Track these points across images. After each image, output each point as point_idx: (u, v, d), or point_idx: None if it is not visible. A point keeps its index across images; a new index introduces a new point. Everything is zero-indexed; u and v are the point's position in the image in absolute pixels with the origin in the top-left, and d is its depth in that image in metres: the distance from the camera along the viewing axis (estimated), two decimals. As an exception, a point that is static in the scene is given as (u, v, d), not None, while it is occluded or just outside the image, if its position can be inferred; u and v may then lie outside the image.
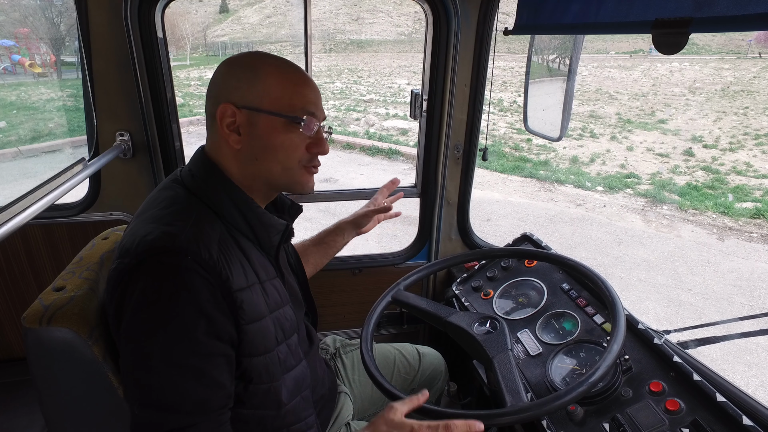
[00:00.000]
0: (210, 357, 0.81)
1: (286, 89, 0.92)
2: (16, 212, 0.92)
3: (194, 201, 0.90)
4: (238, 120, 0.90)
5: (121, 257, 0.82)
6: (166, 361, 0.78)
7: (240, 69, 0.92)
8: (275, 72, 0.92)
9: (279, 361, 0.93)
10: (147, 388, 0.79)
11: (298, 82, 0.94)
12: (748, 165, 8.47)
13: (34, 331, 0.83)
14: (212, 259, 0.81)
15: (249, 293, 0.87)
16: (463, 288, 1.59)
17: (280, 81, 0.92)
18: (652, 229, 5.93)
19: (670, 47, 0.88)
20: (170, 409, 0.79)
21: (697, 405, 0.97)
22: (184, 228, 0.83)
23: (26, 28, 11.66)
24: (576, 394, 0.88)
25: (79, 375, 0.86)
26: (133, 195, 1.67)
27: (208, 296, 0.80)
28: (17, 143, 7.65)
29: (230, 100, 0.90)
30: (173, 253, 0.79)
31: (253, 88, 0.90)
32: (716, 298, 4.21)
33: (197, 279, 0.79)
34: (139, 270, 0.79)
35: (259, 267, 0.93)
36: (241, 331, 0.85)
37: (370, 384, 1.22)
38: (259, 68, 0.91)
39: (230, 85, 0.91)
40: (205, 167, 0.93)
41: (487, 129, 1.74)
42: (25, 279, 1.74)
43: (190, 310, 0.78)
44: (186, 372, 0.79)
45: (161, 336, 0.78)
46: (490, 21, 1.56)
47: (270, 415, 0.94)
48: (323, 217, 5.58)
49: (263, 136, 0.91)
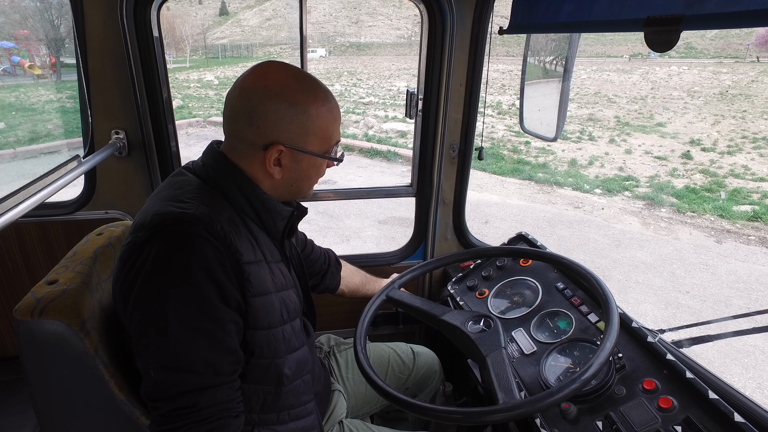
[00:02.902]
0: (220, 322, 0.84)
1: (329, 127, 0.97)
2: (8, 208, 0.92)
3: (205, 186, 0.94)
4: (283, 155, 0.94)
5: (135, 232, 0.85)
6: (179, 324, 0.80)
7: (291, 109, 0.91)
8: (325, 114, 0.95)
9: (283, 339, 0.96)
10: (161, 349, 0.81)
11: (336, 119, 0.99)
12: (746, 168, 8.49)
13: (26, 323, 0.83)
14: (223, 231, 0.85)
15: (256, 267, 0.91)
16: (459, 287, 1.59)
17: (327, 122, 0.96)
18: (650, 231, 5.93)
19: (662, 45, 0.88)
20: (184, 369, 0.81)
21: (690, 402, 0.97)
22: (196, 205, 0.87)
23: (26, 30, 11.67)
24: (568, 391, 0.88)
25: (70, 367, 0.86)
26: (128, 193, 1.67)
27: (218, 264, 0.83)
28: (16, 144, 7.65)
29: (279, 140, 0.92)
30: (186, 223, 0.83)
31: (302, 130, 0.93)
32: (714, 300, 4.21)
33: (208, 247, 0.82)
34: (154, 241, 0.82)
35: (266, 248, 0.97)
36: (246, 302, 0.88)
37: (363, 382, 1.22)
38: (310, 110, 0.93)
39: (281, 125, 0.91)
40: (219, 161, 0.95)
41: (483, 129, 1.74)
42: (20, 277, 1.73)
43: (202, 276, 0.81)
44: (198, 334, 0.82)
45: (174, 299, 0.80)
46: (485, 21, 1.57)
47: (270, 392, 0.97)
48: (321, 219, 5.59)
49: (304, 170, 0.98)
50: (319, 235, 5.04)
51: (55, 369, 0.86)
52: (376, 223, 5.70)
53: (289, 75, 0.94)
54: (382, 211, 5.92)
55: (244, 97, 0.91)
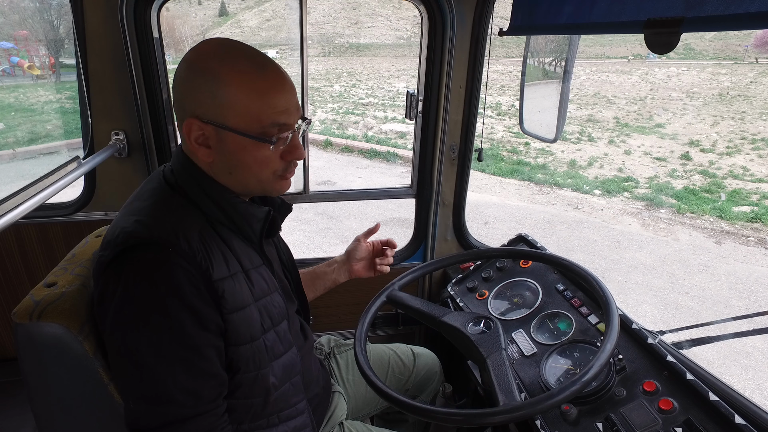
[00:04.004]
0: (197, 348, 0.81)
1: (252, 102, 0.83)
2: (7, 209, 0.91)
3: (174, 194, 0.89)
4: (207, 133, 0.85)
5: (103, 249, 0.83)
6: (154, 354, 0.78)
7: (200, 77, 0.82)
8: (238, 80, 0.82)
9: (266, 349, 0.93)
10: (138, 381, 0.80)
11: (265, 91, 0.84)
12: (745, 169, 8.50)
13: (25, 326, 0.82)
14: (191, 250, 0.81)
15: (231, 282, 0.86)
16: (459, 289, 1.59)
17: (244, 92, 0.82)
18: (649, 232, 5.94)
19: (662, 47, 0.88)
20: (163, 401, 0.79)
21: (690, 404, 0.97)
22: (163, 220, 0.83)
23: (25, 31, 11.66)
24: (569, 393, 0.88)
25: (69, 370, 0.86)
26: (128, 195, 1.63)
27: (191, 288, 0.80)
28: (15, 145, 7.65)
29: (195, 113, 0.84)
30: (152, 246, 0.79)
31: (216, 101, 0.82)
32: (713, 301, 4.21)
33: (178, 271, 0.79)
34: (120, 264, 0.79)
35: (243, 256, 0.92)
36: (225, 320, 0.85)
37: (364, 384, 1.21)
38: (222, 76, 0.82)
39: (193, 96, 0.84)
40: (182, 164, 0.91)
41: (482, 130, 1.74)
42: (19, 278, 1.73)
43: (174, 304, 0.78)
44: (174, 363, 0.79)
45: (147, 330, 0.78)
46: (485, 22, 1.57)
47: (258, 403, 0.95)
48: (321, 219, 5.58)
49: (234, 153, 0.86)
50: (319, 236, 5.05)
51: (53, 372, 0.86)
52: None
53: (213, 44, 0.85)
54: (382, 212, 5.92)
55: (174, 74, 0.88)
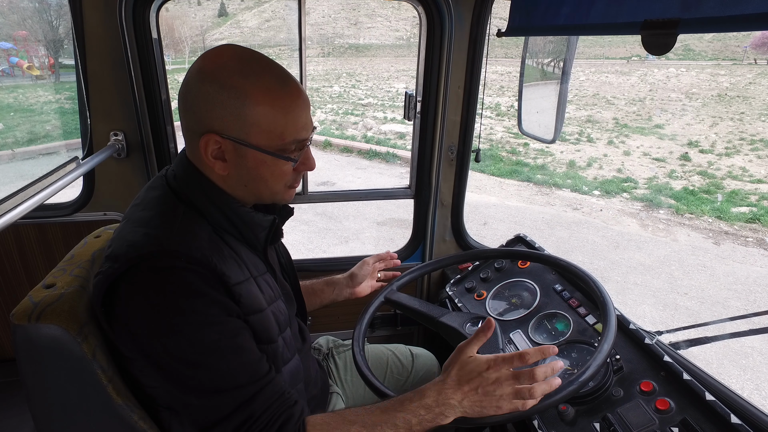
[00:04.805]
0: (236, 332, 0.83)
1: (278, 120, 0.83)
2: (6, 210, 0.91)
3: (179, 202, 0.88)
4: (224, 147, 0.84)
5: (111, 261, 0.81)
6: (201, 351, 0.79)
7: (223, 93, 0.81)
8: (265, 99, 0.82)
9: (279, 354, 0.94)
10: (196, 379, 0.80)
11: (289, 108, 0.84)
12: (744, 170, 8.52)
13: (23, 327, 0.82)
14: (205, 258, 0.81)
15: (247, 286, 0.87)
16: (457, 289, 1.59)
17: (271, 111, 0.83)
18: (648, 233, 5.95)
19: (659, 48, 0.89)
20: (228, 387, 0.80)
21: (687, 404, 0.97)
22: (172, 230, 0.83)
23: (24, 31, 11.66)
24: (566, 393, 0.88)
25: (67, 372, 0.85)
26: (127, 195, 1.67)
27: (210, 289, 0.80)
28: (14, 145, 7.65)
29: (214, 129, 0.83)
30: (165, 257, 0.79)
31: (240, 118, 0.82)
32: (712, 301, 4.22)
33: (194, 276, 0.79)
34: (133, 278, 0.79)
35: (250, 263, 0.93)
36: (246, 321, 0.86)
37: (362, 384, 1.22)
38: (248, 93, 0.81)
39: (215, 112, 0.82)
40: (187, 171, 0.90)
41: (480, 131, 1.75)
42: (18, 278, 1.73)
43: (199, 303, 0.79)
44: (223, 351, 0.80)
45: (184, 333, 0.78)
46: (484, 23, 1.58)
47: None
48: (320, 220, 5.58)
49: (252, 168, 0.87)
50: (318, 236, 5.06)
51: (52, 373, 0.86)
52: (375, 224, 5.69)
53: (231, 55, 0.83)
54: (381, 212, 5.92)
55: (184, 82, 0.85)
